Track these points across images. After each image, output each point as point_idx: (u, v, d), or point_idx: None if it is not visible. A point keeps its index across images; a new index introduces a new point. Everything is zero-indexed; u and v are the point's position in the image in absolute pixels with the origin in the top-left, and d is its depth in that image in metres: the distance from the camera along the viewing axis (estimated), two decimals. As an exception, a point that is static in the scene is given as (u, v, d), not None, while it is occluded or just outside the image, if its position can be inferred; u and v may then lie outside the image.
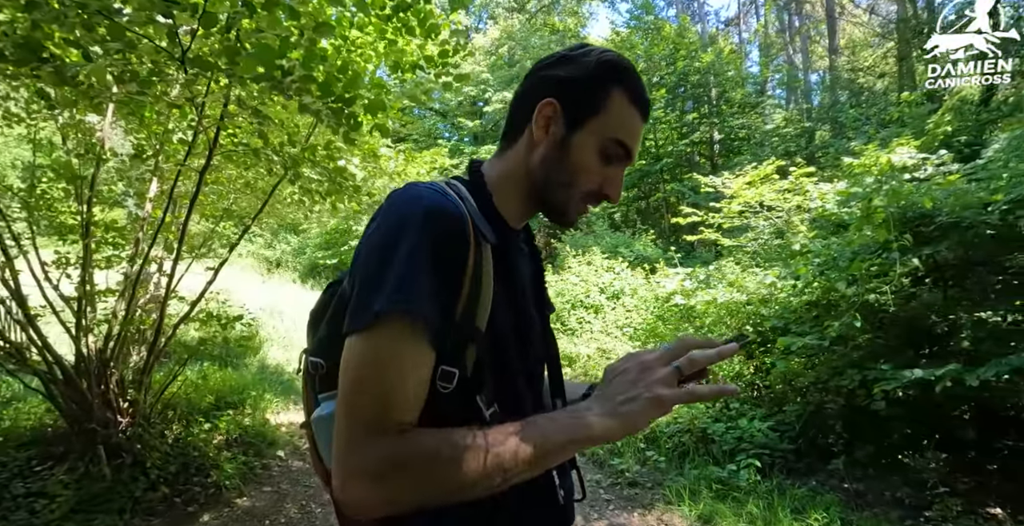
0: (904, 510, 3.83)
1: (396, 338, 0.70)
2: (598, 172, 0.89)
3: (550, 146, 0.89)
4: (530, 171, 0.91)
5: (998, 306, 4.39)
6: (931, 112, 8.17)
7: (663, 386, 0.71)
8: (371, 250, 0.75)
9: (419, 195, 0.77)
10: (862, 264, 4.60)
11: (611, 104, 0.88)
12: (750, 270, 7.63)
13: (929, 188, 4.58)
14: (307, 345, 0.98)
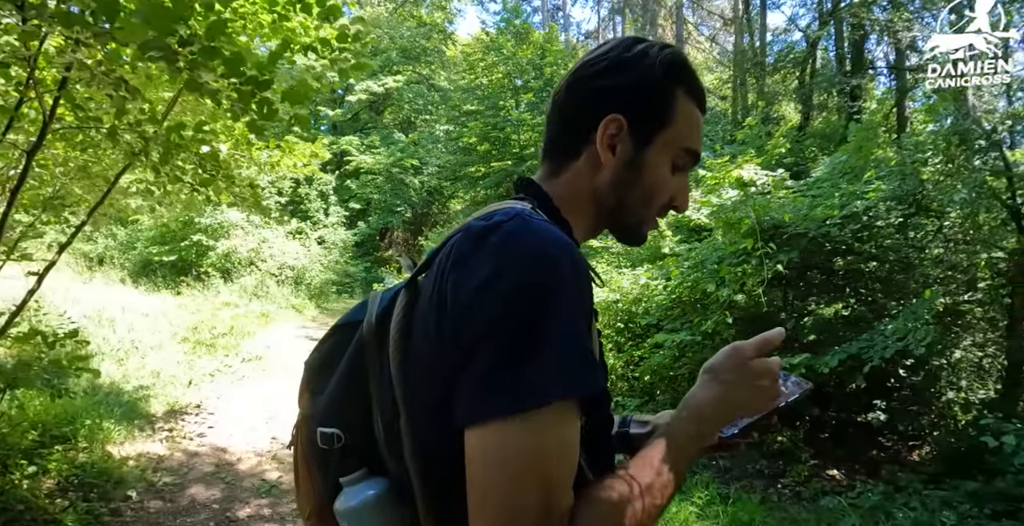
0: (765, 480, 4.37)
1: (564, 422, 0.59)
2: (670, 186, 0.82)
3: (620, 168, 0.79)
4: (598, 195, 0.81)
5: (830, 302, 5.17)
6: (767, 134, 9.30)
7: (776, 391, 0.77)
8: (508, 306, 0.59)
9: (550, 232, 0.64)
10: (730, 268, 5.12)
11: (679, 111, 0.79)
12: (619, 271, 8.10)
13: (782, 204, 5.25)
14: (305, 407, 0.80)
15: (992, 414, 3.49)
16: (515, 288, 0.59)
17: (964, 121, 5.15)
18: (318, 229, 17.16)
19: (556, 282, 0.60)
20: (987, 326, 5.09)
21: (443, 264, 0.66)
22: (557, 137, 0.83)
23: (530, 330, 0.58)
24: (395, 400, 0.68)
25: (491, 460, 0.57)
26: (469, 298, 0.61)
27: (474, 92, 16.53)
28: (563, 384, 0.57)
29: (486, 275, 0.60)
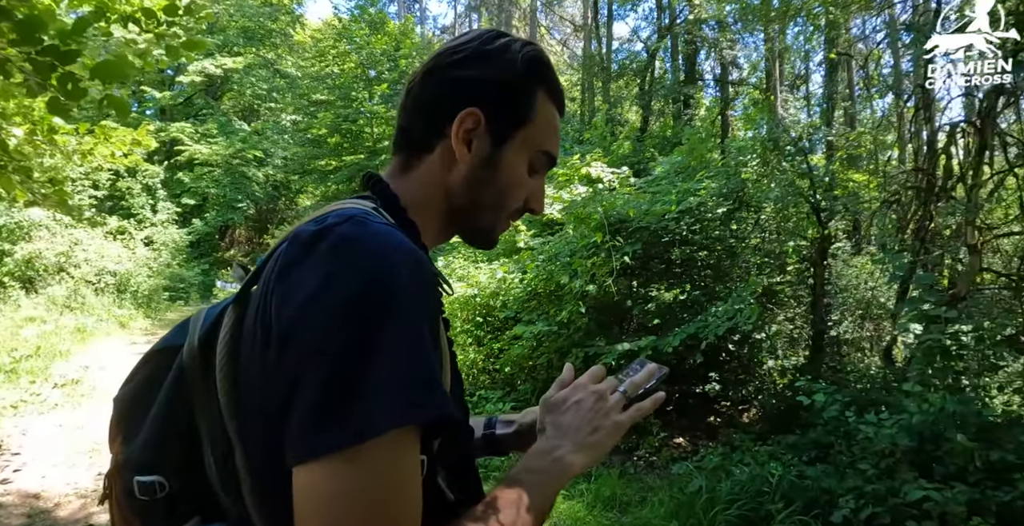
0: (622, 455, 4.68)
1: (403, 452, 0.52)
2: (526, 187, 0.78)
3: (475, 165, 0.73)
4: (450, 194, 0.75)
5: (670, 288, 5.68)
6: (612, 134, 9.95)
7: (618, 412, 0.76)
8: (338, 322, 0.52)
9: (389, 236, 0.58)
10: (582, 261, 5.41)
11: (539, 110, 0.75)
12: (476, 266, 8.21)
13: (627, 201, 5.67)
14: (117, 453, 0.67)
15: (803, 377, 4.06)
16: (346, 301, 0.52)
17: (776, 130, 5.93)
18: (144, 228, 15.19)
19: (393, 293, 0.53)
20: (795, 303, 5.92)
21: (269, 275, 0.59)
22: (410, 129, 0.76)
23: (362, 349, 0.51)
24: (227, 432, 0.59)
25: (321, 501, 0.49)
26: (295, 314, 0.53)
27: (324, 81, 15.75)
28: (400, 411, 0.51)
29: (313, 287, 0.53)
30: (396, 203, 0.72)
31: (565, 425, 0.74)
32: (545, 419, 0.77)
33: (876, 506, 2.63)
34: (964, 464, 2.56)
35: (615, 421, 0.74)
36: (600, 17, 16.29)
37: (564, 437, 0.73)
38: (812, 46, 11.68)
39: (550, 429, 0.75)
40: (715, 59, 14.27)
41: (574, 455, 0.70)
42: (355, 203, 0.67)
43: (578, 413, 0.75)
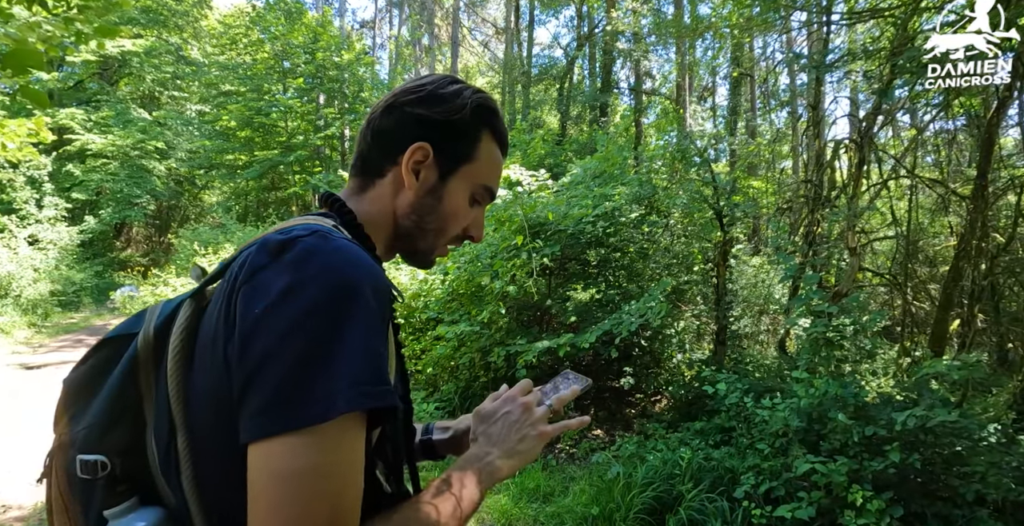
0: (545, 448, 4.79)
1: (353, 435, 0.58)
2: (466, 217, 0.87)
3: (421, 193, 0.82)
4: (397, 216, 0.84)
5: (586, 287, 5.92)
6: (532, 139, 10.18)
7: (544, 423, 0.86)
8: (300, 323, 0.57)
9: (350, 251, 0.64)
10: (503, 262, 5.54)
11: (482, 150, 0.84)
12: (398, 267, 8.15)
13: (546, 204, 5.87)
14: (62, 433, 0.70)
15: (708, 368, 4.39)
16: (309, 305, 0.58)
17: (684, 140, 6.33)
18: (28, 225, 13.82)
19: (352, 301, 0.59)
20: (701, 300, 6.35)
21: (235, 276, 0.64)
22: (367, 155, 0.84)
23: (321, 346, 0.57)
24: (172, 420, 0.64)
25: (277, 476, 0.54)
26: (260, 313, 0.58)
27: (235, 71, 14.99)
28: (353, 398, 0.56)
29: (279, 290, 0.59)
30: (354, 220, 0.79)
31: (495, 434, 0.84)
32: (478, 429, 0.86)
33: (772, 481, 2.92)
34: (845, 440, 2.89)
35: (540, 431, 0.84)
36: (522, 21, 16.58)
37: (494, 445, 0.82)
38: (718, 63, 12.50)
39: (481, 438, 0.84)
40: (630, 69, 14.92)
41: (502, 460, 0.79)
42: (318, 219, 0.73)
43: (506, 423, 0.85)
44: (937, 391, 3.20)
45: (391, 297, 0.68)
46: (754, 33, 8.32)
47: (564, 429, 0.87)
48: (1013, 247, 6.46)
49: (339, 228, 0.73)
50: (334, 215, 0.79)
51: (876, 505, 2.58)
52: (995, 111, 5.83)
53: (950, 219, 6.91)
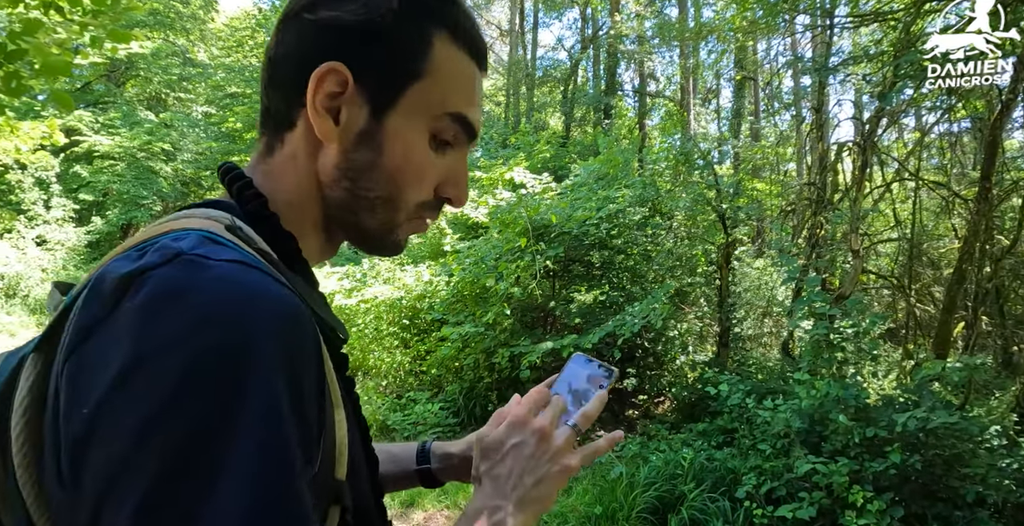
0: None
1: None
2: (431, 169, 0.57)
3: (349, 143, 0.54)
4: (323, 186, 0.56)
5: (589, 289, 5.96)
6: (536, 141, 10.23)
7: (569, 453, 0.63)
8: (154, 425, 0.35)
9: (236, 282, 0.41)
10: (507, 264, 5.59)
11: (437, 59, 0.55)
12: (402, 268, 8.21)
13: (550, 206, 5.91)
14: None
15: (711, 370, 4.42)
16: (163, 399, 0.36)
17: (687, 143, 6.37)
18: (36, 226, 13.86)
19: (239, 381, 0.37)
20: (704, 302, 6.38)
21: (65, 336, 0.41)
22: (269, 99, 0.58)
23: (190, 466, 0.35)
24: (29, 514, 0.42)
25: None
26: (90, 413, 0.36)
27: (241, 73, 15.09)
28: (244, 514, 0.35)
29: (119, 369, 0.36)
30: (263, 208, 0.54)
31: (503, 478, 0.61)
32: (480, 467, 0.64)
33: (774, 481, 2.95)
34: (846, 441, 2.92)
35: (563, 466, 0.62)
36: (526, 24, 16.65)
37: (503, 495, 0.60)
38: (720, 66, 12.55)
39: (487, 483, 0.62)
40: (634, 71, 14.98)
41: (516, 517, 0.59)
42: (204, 217, 0.49)
43: (518, 461, 0.62)
44: (939, 393, 3.22)
45: (316, 341, 0.45)
46: (757, 36, 8.36)
47: (595, 457, 0.66)
48: (1018, 250, 6.47)
49: (236, 230, 0.48)
50: (233, 204, 0.55)
51: (877, 506, 2.61)
52: (999, 113, 5.84)
53: (954, 222, 6.92)
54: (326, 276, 8.91)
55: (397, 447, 0.83)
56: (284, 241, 0.54)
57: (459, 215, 8.18)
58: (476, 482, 0.64)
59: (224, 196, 0.58)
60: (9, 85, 1.93)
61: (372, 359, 6.94)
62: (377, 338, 7.20)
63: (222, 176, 0.57)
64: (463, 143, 0.60)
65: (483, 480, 0.63)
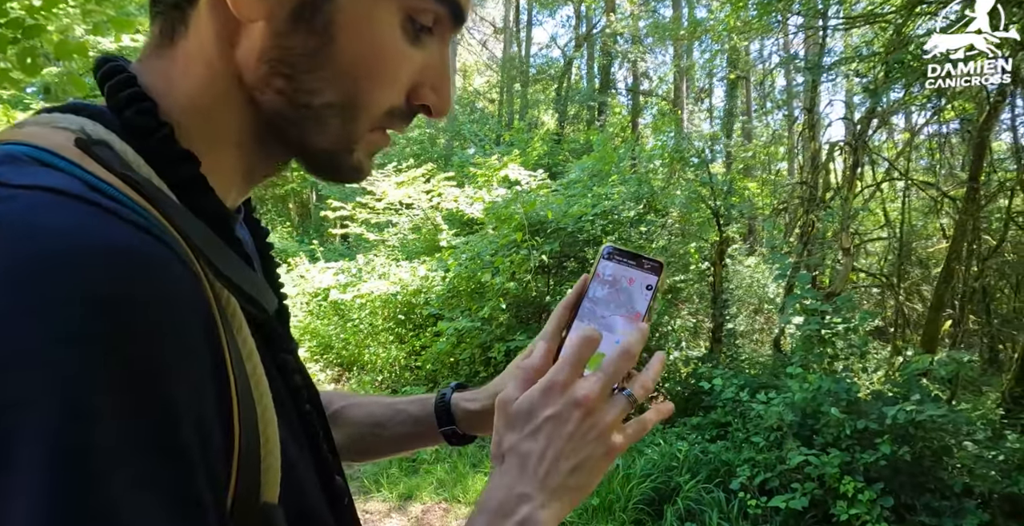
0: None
1: None
2: (405, 63, 0.42)
3: (280, 24, 0.38)
4: (247, 86, 0.40)
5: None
6: (530, 138, 10.27)
7: (617, 430, 0.49)
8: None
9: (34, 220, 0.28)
10: (503, 259, 5.63)
11: None
12: (397, 263, 8.21)
13: (545, 202, 5.97)
14: None
15: (705, 365, 4.49)
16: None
17: (682, 141, 6.44)
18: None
19: (88, 358, 0.26)
20: (697, 299, 6.45)
21: None
22: None
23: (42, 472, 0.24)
24: None
25: None
26: None
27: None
28: None
29: None
30: (148, 117, 0.37)
31: (534, 459, 0.46)
32: (504, 440, 0.49)
33: (767, 472, 3.01)
34: (838, 433, 2.99)
35: (610, 447, 0.48)
36: (520, 21, 16.66)
37: (532, 480, 0.46)
38: (714, 66, 12.64)
39: (511, 462, 0.47)
40: (628, 70, 15.04)
41: (548, 508, 0.46)
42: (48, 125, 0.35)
43: (555, 439, 0.47)
44: (927, 388, 3.30)
45: (198, 311, 0.32)
46: (751, 37, 8.44)
47: (642, 435, 0.52)
48: (1004, 249, 6.59)
49: (92, 145, 0.33)
50: (100, 109, 0.38)
51: (867, 496, 2.68)
52: (987, 115, 5.95)
53: (942, 222, 7.04)
54: (320, 271, 8.92)
55: (411, 403, 0.72)
56: (177, 163, 0.37)
57: (455, 211, 8.21)
58: (497, 460, 0.49)
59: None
60: (24, 62, 1.88)
61: (367, 354, 6.96)
62: (372, 333, 7.21)
63: (97, 67, 0.40)
64: (446, 29, 0.43)
65: (507, 458, 0.48)
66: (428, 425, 0.70)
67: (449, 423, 0.69)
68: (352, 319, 7.59)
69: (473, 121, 14.15)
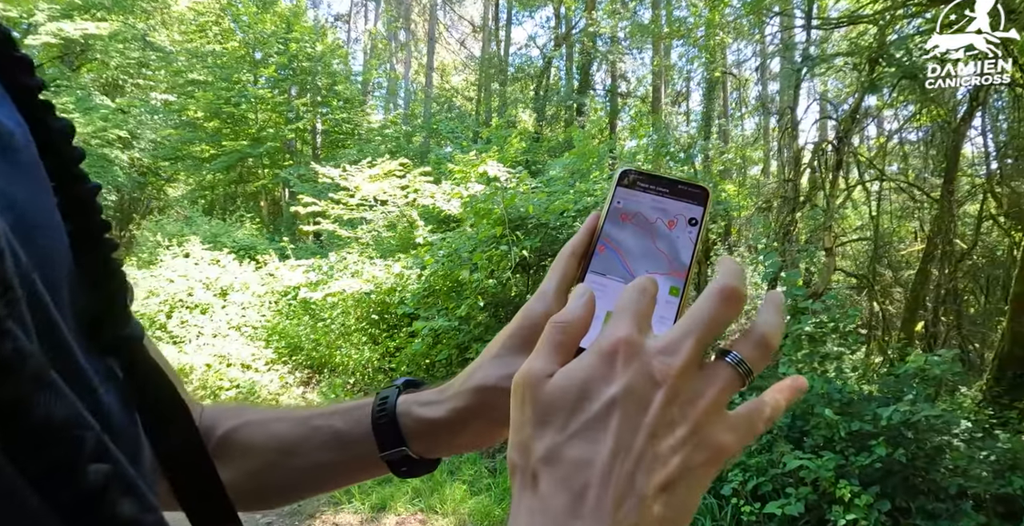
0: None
1: None
2: None
3: None
4: None
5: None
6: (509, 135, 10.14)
7: (721, 421, 0.31)
8: None
9: None
10: (482, 255, 5.46)
11: None
12: (372, 261, 7.99)
13: (526, 198, 5.83)
14: None
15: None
16: None
17: (666, 137, 6.37)
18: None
19: None
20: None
21: None
22: None
23: None
24: None
25: None
26: None
27: (204, 59, 14.56)
28: None
29: None
30: None
31: (596, 473, 0.28)
32: (535, 440, 0.30)
33: (759, 477, 2.90)
34: (830, 435, 2.89)
35: (715, 448, 0.30)
36: (499, 20, 16.53)
37: (594, 514, 0.28)
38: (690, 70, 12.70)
39: (553, 476, 0.29)
40: (606, 72, 15.02)
41: None
42: None
43: (624, 440, 0.29)
44: (920, 388, 3.24)
45: None
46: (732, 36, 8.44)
47: (766, 421, 0.32)
48: (975, 252, 6.69)
49: None
50: None
51: (864, 500, 2.58)
52: (961, 120, 6.01)
53: (916, 224, 7.12)
54: (290, 269, 8.64)
55: (337, 415, 0.49)
56: None
57: (431, 208, 8.02)
58: (524, 476, 0.30)
59: None
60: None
61: (339, 356, 6.72)
62: (344, 334, 6.97)
63: None
64: None
65: (543, 473, 0.29)
66: (363, 447, 0.47)
67: (396, 443, 0.46)
68: (323, 319, 7.34)
69: (450, 119, 13.96)
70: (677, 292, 0.38)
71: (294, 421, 0.50)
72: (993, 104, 6.68)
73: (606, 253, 0.39)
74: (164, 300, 8.24)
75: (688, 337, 0.30)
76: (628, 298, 0.32)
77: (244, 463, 0.48)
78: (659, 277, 0.37)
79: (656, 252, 0.39)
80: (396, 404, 0.48)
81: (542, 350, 0.32)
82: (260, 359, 6.86)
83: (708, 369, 0.32)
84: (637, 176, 0.40)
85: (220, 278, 9.16)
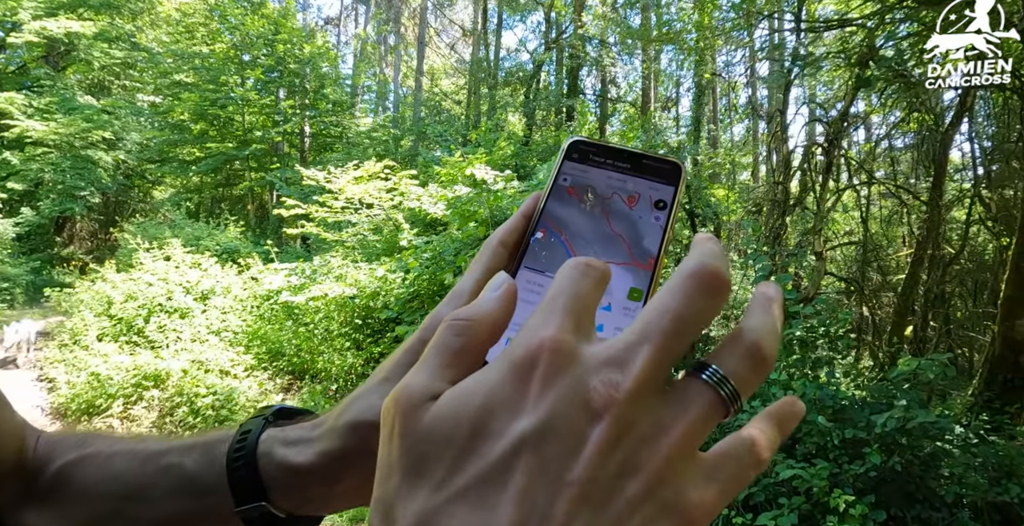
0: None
1: None
2: None
3: None
4: None
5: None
6: (497, 138, 10.07)
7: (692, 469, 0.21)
8: None
9: None
10: (466, 257, 5.37)
11: None
12: (356, 265, 7.86)
13: (512, 200, 5.74)
14: None
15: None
16: None
17: (655, 141, 6.31)
18: (-47, 215, 12.87)
19: None
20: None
21: None
22: None
23: None
24: None
25: None
26: None
27: (191, 60, 14.39)
28: None
29: None
30: None
31: None
32: (404, 499, 0.20)
33: (751, 486, 2.79)
34: (823, 443, 2.79)
35: (681, 511, 0.20)
36: (489, 25, 16.49)
37: None
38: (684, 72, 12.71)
39: None
40: (596, 77, 15.00)
41: None
42: None
43: (539, 500, 0.18)
44: (914, 393, 3.15)
45: None
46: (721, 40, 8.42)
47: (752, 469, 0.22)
48: (962, 257, 6.67)
49: None
50: None
51: (859, 510, 2.48)
52: (949, 125, 6.00)
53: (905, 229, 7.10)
54: (273, 272, 8.47)
55: (190, 452, 0.38)
56: None
57: (417, 210, 7.91)
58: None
59: None
60: None
61: (321, 361, 6.55)
62: (327, 339, 6.82)
63: None
64: None
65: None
66: (218, 497, 0.35)
67: (255, 496, 0.34)
68: (306, 324, 7.19)
69: (439, 122, 13.87)
70: (639, 296, 0.28)
71: (144, 457, 0.38)
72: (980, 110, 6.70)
73: (548, 239, 0.30)
74: (142, 304, 8.05)
75: (645, 343, 0.21)
76: (563, 281, 0.22)
77: (78, 510, 0.37)
78: (616, 268, 0.28)
79: (611, 236, 0.30)
80: (258, 440, 0.36)
81: (428, 361, 0.22)
82: (239, 365, 6.68)
83: (675, 392, 0.22)
84: (590, 148, 0.32)
85: (201, 282, 8.97)
